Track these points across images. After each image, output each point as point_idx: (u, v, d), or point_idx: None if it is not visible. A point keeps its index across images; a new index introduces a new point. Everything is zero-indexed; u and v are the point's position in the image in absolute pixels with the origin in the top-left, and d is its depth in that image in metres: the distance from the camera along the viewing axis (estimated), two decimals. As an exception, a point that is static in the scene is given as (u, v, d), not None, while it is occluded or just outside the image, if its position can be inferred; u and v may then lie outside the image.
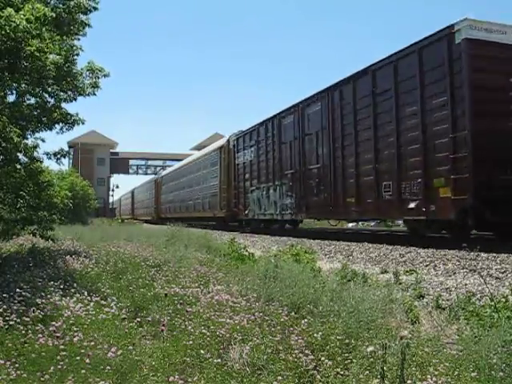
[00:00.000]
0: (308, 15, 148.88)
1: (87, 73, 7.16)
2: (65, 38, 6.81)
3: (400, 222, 17.65)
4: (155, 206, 39.54)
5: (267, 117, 17.16)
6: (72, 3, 6.47)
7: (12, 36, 4.97)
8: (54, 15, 5.74)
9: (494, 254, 6.91)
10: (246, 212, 18.61)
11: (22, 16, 4.99)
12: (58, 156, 7.42)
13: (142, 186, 50.45)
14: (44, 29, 5.44)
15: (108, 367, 2.73)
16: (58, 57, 6.40)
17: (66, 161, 9.56)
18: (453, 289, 5.07)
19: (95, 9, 6.84)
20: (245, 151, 19.15)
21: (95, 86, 7.19)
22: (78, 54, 7.17)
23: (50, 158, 7.31)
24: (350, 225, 20.45)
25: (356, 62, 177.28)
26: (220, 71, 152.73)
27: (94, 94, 7.27)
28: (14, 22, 4.86)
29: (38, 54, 5.57)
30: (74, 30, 6.75)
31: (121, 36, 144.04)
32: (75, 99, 7.19)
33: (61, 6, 6.43)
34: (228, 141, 22.05)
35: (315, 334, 3.27)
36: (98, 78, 7.19)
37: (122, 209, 64.75)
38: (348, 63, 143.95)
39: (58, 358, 2.81)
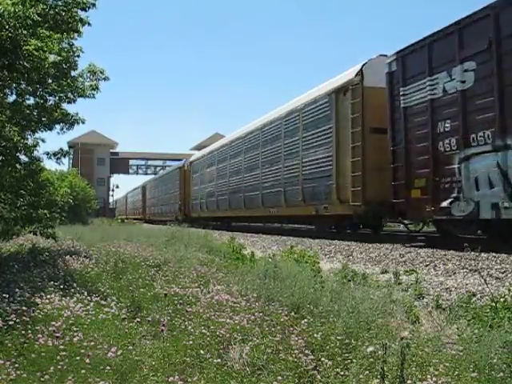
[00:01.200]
0: (308, 15, 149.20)
1: (88, 74, 7.16)
2: (64, 35, 6.78)
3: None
4: (180, 201, 29.69)
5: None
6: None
7: (4, 24, 4.92)
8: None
9: (494, 254, 6.91)
10: (445, 204, 8.74)
11: (7, 2, 4.94)
12: (58, 156, 7.43)
13: (159, 178, 40.82)
14: (32, 11, 5.29)
15: (108, 367, 2.73)
16: (58, 58, 6.38)
17: (66, 161, 9.58)
18: (453, 289, 5.07)
19: (93, 5, 6.82)
20: (434, 77, 9.06)
21: (95, 88, 7.19)
22: (78, 56, 7.17)
23: (50, 158, 7.33)
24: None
25: (356, 62, 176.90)
26: (220, 71, 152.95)
27: (93, 97, 7.27)
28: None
29: (36, 53, 5.54)
30: (72, 27, 6.73)
31: (120, 36, 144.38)
32: (74, 101, 7.19)
33: (59, 3, 6.41)
34: (360, 73, 11.27)
35: (315, 334, 3.26)
36: (99, 80, 7.20)
37: (129, 208, 57.62)
38: (348, 63, 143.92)
39: (58, 357, 2.80)
